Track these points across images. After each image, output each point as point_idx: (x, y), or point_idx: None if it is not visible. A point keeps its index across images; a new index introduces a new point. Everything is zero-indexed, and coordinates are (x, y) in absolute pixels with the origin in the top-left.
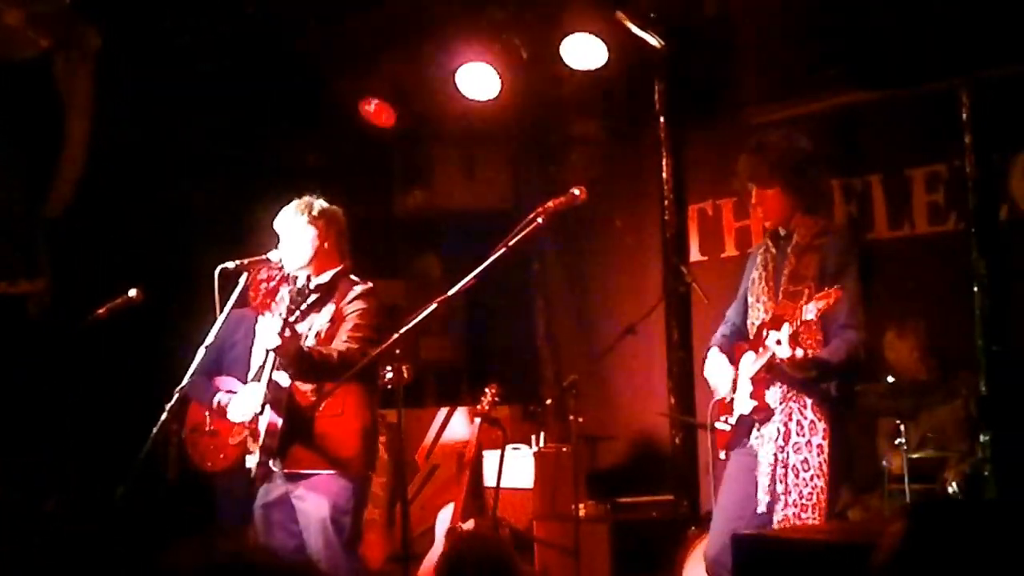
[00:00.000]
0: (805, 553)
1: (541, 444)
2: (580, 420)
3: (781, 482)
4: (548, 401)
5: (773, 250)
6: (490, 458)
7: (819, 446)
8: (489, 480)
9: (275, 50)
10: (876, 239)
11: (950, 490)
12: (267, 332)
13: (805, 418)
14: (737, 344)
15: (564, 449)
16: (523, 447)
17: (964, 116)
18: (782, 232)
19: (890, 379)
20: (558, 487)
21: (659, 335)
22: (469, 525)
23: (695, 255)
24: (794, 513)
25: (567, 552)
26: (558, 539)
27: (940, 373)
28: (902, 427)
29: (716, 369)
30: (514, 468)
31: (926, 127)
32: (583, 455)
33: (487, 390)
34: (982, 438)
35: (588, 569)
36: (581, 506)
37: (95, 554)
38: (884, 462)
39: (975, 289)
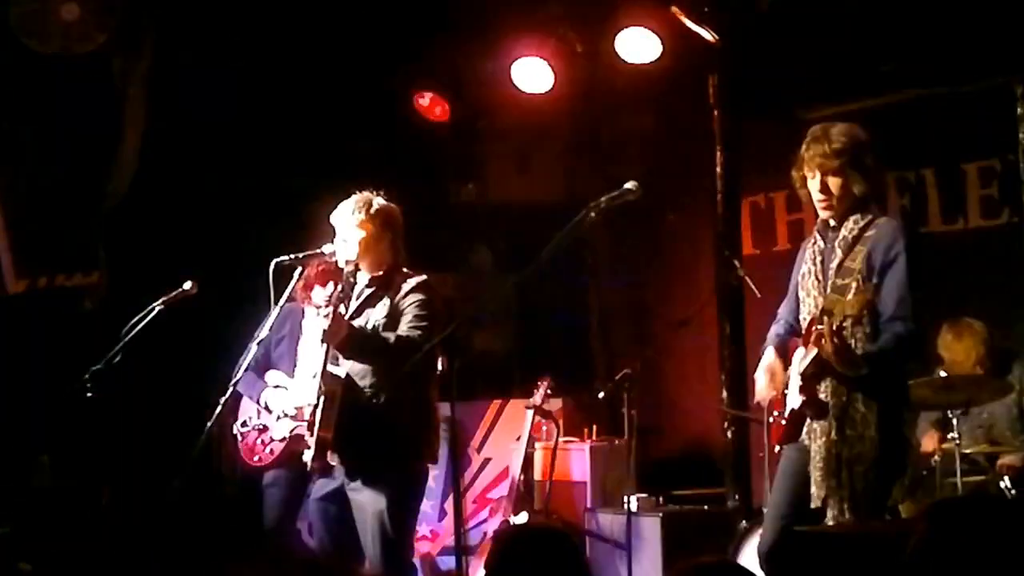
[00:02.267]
0: (860, 548)
1: (593, 437)
2: (633, 413)
3: (834, 477)
4: (601, 394)
5: (822, 243)
6: (542, 451)
7: (872, 440)
8: (541, 473)
9: (330, 43)
10: (930, 232)
11: (1003, 484)
12: (318, 324)
13: (857, 412)
14: (792, 340)
15: (616, 442)
16: (575, 440)
17: (1018, 111)
18: (832, 224)
19: (942, 373)
20: (610, 480)
21: (712, 328)
22: (521, 518)
23: (748, 248)
24: (848, 508)
25: (619, 545)
26: (610, 532)
27: (993, 368)
28: (954, 421)
29: (762, 370)
30: (566, 461)
31: (980, 122)
32: (636, 448)
33: (540, 382)
34: None
35: (639, 562)
36: (633, 499)
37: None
38: (936, 456)
39: None
